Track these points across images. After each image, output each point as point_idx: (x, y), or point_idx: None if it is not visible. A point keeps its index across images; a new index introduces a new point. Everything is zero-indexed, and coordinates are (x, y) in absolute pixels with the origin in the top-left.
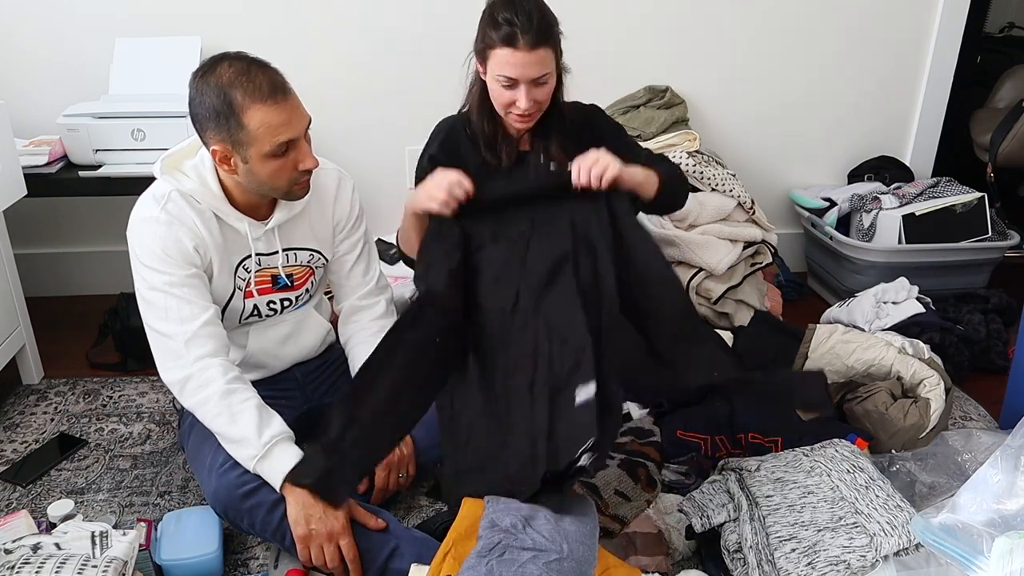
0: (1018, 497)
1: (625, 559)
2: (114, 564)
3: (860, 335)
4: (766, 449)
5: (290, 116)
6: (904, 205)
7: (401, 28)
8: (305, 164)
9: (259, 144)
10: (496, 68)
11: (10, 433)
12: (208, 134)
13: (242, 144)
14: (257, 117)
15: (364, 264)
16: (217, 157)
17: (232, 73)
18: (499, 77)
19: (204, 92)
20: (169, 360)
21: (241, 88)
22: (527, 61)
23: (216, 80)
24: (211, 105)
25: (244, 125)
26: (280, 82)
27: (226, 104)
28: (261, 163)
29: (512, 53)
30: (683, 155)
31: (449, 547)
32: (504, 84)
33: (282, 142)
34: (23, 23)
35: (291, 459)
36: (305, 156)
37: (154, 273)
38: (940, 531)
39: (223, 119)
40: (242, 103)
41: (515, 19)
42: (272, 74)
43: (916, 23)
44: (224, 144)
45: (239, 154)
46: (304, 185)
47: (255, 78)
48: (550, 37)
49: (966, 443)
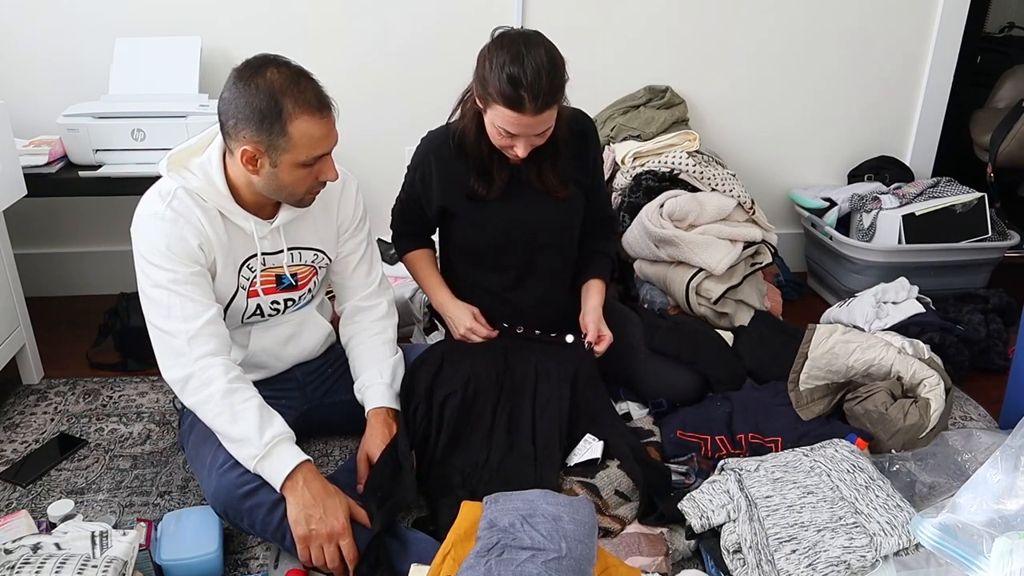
0: (1018, 497)
1: (625, 559)
2: (114, 564)
3: (860, 335)
4: (766, 449)
5: (330, 131)
6: (904, 205)
7: (401, 28)
8: (327, 177)
9: (295, 152)
10: (496, 119)
11: (10, 433)
12: (242, 133)
13: (278, 149)
14: (302, 128)
15: (367, 265)
16: (245, 157)
17: (282, 79)
18: (499, 128)
19: (250, 93)
20: (171, 358)
21: (292, 97)
22: (531, 123)
23: (266, 84)
24: (257, 107)
25: (287, 132)
26: (326, 97)
27: (275, 109)
28: (289, 170)
29: (517, 116)
30: (683, 155)
31: (449, 548)
32: (502, 134)
33: (317, 155)
34: (23, 23)
35: (292, 459)
36: (329, 170)
37: (158, 270)
38: (940, 531)
39: (267, 122)
40: (291, 111)
41: (523, 79)
42: (319, 88)
43: (916, 23)
44: (257, 146)
45: (270, 157)
46: (316, 194)
47: (305, 89)
48: (557, 97)
49: (966, 443)
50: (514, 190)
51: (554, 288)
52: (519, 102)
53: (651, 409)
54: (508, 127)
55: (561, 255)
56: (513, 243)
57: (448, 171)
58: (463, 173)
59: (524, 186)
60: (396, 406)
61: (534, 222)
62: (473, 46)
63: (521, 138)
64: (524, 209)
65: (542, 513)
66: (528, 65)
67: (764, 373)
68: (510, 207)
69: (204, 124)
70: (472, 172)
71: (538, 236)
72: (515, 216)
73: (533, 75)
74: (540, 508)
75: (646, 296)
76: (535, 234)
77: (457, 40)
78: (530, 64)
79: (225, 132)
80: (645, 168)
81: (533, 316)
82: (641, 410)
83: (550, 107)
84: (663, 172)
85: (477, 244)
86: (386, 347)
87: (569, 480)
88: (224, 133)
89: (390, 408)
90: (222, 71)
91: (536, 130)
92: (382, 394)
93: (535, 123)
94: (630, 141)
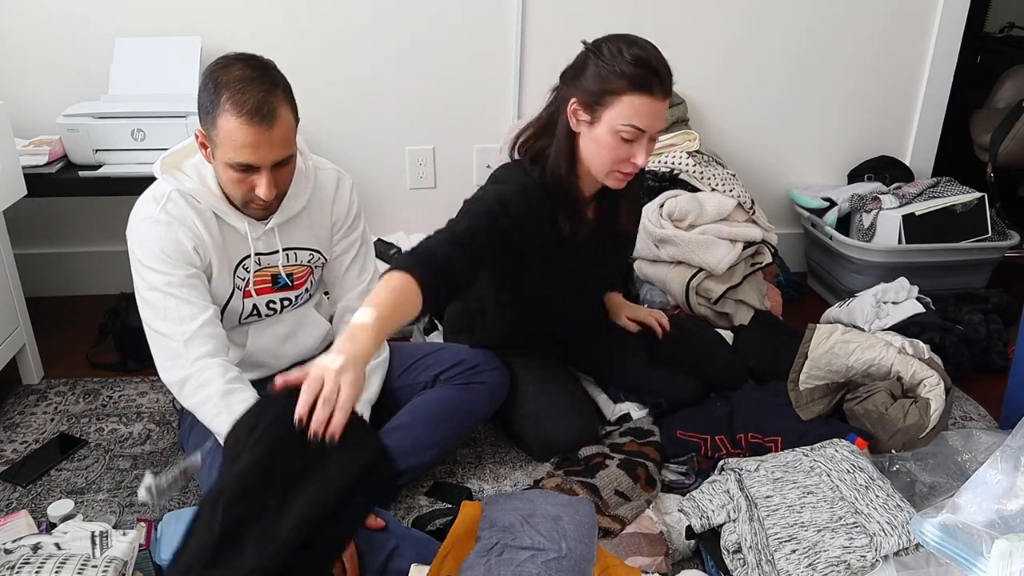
0: (1018, 498)
1: (625, 559)
2: (114, 564)
3: (860, 335)
4: (766, 449)
5: (258, 143)
6: (904, 205)
7: (401, 28)
8: (260, 192)
9: (222, 150)
10: (623, 116)
11: (10, 433)
12: (200, 118)
13: (212, 142)
14: (227, 127)
15: (360, 264)
16: (198, 140)
17: (235, 76)
18: (624, 128)
19: (206, 81)
20: (168, 360)
21: (231, 94)
22: (660, 111)
23: (221, 75)
24: (204, 94)
25: (217, 127)
26: (271, 110)
27: (214, 100)
28: (223, 168)
29: (648, 101)
30: (683, 155)
31: (449, 548)
32: (627, 136)
33: (240, 161)
34: (23, 23)
35: None
36: (262, 185)
37: (153, 273)
38: (940, 532)
39: (204, 111)
40: (223, 107)
41: (650, 59)
42: (272, 98)
43: (916, 23)
44: (204, 132)
45: (211, 148)
46: (262, 207)
47: (249, 92)
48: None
49: (966, 443)
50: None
51: (587, 313)
52: (648, 82)
53: (651, 409)
54: (636, 120)
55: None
56: (574, 291)
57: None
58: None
59: (600, 226)
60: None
61: (605, 264)
62: (473, 46)
63: (644, 138)
64: (600, 251)
65: (542, 513)
66: (647, 46)
67: (764, 373)
68: (589, 251)
69: None
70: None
71: (601, 283)
72: (593, 259)
73: (655, 53)
74: (540, 508)
75: (646, 296)
76: (599, 281)
77: (458, 40)
78: (647, 45)
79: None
80: (645, 168)
81: (571, 341)
82: (641, 410)
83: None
84: (663, 172)
85: (551, 292)
86: None
87: (569, 480)
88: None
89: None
90: None
91: (660, 124)
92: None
93: (662, 111)
94: None
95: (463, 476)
